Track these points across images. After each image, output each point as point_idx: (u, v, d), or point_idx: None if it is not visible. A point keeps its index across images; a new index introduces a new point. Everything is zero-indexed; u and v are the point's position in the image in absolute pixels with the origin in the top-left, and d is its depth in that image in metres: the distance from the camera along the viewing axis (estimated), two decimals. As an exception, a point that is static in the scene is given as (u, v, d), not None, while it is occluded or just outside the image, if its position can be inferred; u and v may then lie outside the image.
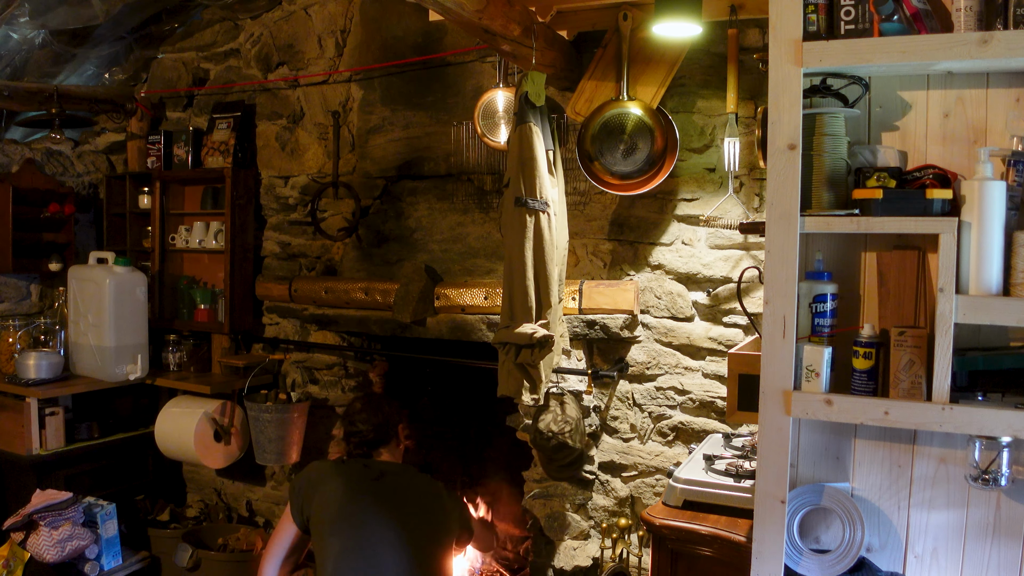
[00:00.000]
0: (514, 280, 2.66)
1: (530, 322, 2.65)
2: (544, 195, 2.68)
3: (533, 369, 2.66)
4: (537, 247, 2.67)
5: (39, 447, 3.69)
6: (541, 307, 2.68)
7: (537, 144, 2.66)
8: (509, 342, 2.65)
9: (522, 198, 2.65)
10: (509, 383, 2.68)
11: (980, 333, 1.88)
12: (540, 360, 2.66)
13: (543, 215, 2.68)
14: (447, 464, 4.04)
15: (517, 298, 2.66)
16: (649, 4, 2.76)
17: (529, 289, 2.65)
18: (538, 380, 2.67)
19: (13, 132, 4.29)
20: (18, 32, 3.58)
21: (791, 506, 1.94)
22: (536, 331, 2.62)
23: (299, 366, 3.88)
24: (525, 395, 2.67)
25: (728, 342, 2.98)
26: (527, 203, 2.64)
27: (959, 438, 1.88)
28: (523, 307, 2.65)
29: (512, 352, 2.66)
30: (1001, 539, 1.88)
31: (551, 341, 2.67)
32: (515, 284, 2.66)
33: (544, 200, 2.68)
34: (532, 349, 2.63)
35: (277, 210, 3.97)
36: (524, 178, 2.65)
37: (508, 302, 2.69)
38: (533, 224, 2.66)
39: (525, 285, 2.64)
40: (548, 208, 2.70)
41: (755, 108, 2.85)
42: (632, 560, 3.10)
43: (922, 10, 1.81)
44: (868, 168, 1.90)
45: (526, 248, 2.65)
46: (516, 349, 2.65)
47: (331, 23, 3.74)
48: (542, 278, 2.67)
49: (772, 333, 1.87)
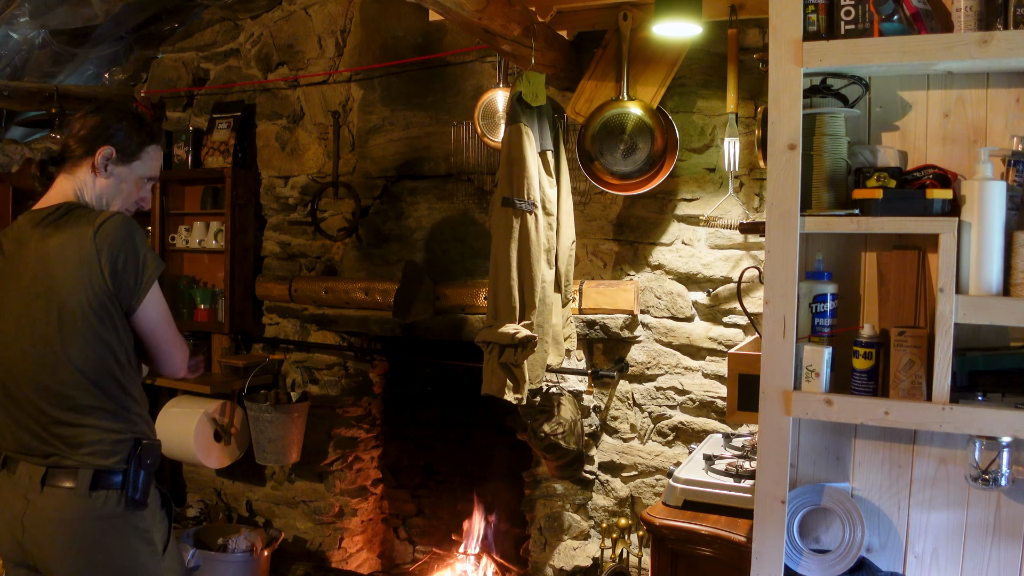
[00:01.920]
0: (499, 280, 2.66)
1: (513, 322, 2.64)
2: (532, 196, 2.67)
3: (517, 368, 2.65)
4: (523, 248, 2.66)
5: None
6: (525, 307, 2.68)
7: (527, 144, 2.66)
8: (492, 341, 2.65)
9: (509, 198, 2.64)
10: (492, 382, 2.68)
11: (980, 333, 1.88)
12: (524, 360, 2.65)
13: (530, 216, 2.67)
14: (447, 464, 4.05)
15: (501, 298, 2.66)
16: (649, 4, 2.76)
17: (513, 289, 2.65)
18: (521, 380, 2.66)
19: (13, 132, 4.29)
20: (18, 32, 3.58)
21: (791, 506, 1.94)
22: (519, 331, 2.62)
23: (299, 366, 3.88)
24: (508, 394, 2.66)
25: (728, 342, 2.99)
26: (514, 203, 2.64)
27: (959, 438, 1.88)
28: (507, 307, 2.65)
29: (496, 351, 2.66)
30: (1001, 539, 1.88)
31: (534, 342, 2.66)
32: (499, 284, 2.66)
33: (532, 201, 2.67)
34: (515, 349, 2.63)
35: (277, 210, 3.97)
36: (512, 178, 2.65)
37: (492, 301, 2.70)
38: (519, 224, 2.65)
39: (509, 285, 2.64)
40: (536, 209, 2.69)
41: (755, 108, 2.85)
42: (632, 560, 3.10)
43: (922, 10, 1.81)
44: (868, 168, 1.90)
45: (511, 248, 2.64)
46: (500, 348, 2.65)
47: (331, 23, 3.74)
48: (527, 279, 2.67)
49: (772, 333, 1.87)
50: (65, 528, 1.89)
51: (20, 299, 1.94)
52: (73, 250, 1.90)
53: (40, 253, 1.93)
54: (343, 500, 3.87)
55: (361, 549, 3.98)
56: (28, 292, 1.93)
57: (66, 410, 1.91)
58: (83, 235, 1.90)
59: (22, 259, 1.95)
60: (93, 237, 1.89)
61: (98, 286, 1.88)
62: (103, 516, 1.91)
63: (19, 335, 1.94)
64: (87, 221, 1.93)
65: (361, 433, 3.86)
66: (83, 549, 1.90)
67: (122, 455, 1.94)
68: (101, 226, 1.90)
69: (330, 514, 3.85)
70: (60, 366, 1.90)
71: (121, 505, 1.93)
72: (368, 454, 3.94)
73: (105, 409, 1.94)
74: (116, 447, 1.93)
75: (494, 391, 2.68)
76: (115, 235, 1.90)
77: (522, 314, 2.68)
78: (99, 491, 1.90)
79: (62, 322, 1.90)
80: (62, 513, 1.89)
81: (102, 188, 2.04)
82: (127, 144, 2.05)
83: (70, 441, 1.91)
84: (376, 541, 4.08)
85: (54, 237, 1.93)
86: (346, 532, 3.88)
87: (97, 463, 1.91)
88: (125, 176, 2.06)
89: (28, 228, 1.98)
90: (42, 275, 1.92)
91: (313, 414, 3.76)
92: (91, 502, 1.90)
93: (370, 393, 3.90)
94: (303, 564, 3.81)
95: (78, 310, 1.89)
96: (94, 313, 1.89)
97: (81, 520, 1.89)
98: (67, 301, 1.89)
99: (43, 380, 1.91)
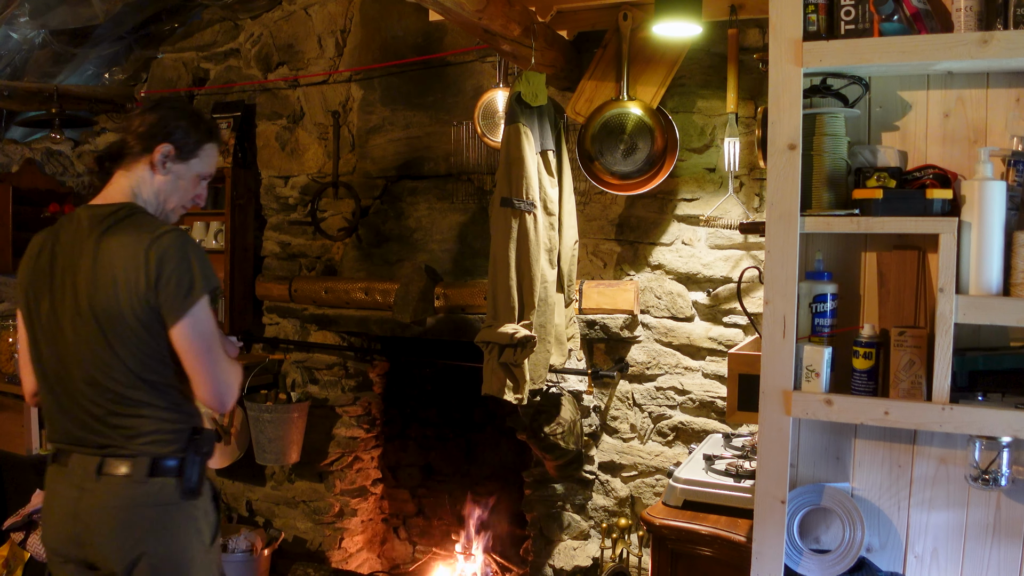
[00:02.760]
0: (498, 280, 2.66)
1: (512, 322, 2.64)
2: (531, 195, 2.67)
3: (517, 368, 2.65)
4: (522, 248, 2.66)
5: (39, 447, 3.69)
6: (524, 307, 2.67)
7: (525, 144, 2.65)
8: (491, 341, 2.65)
9: (508, 198, 2.64)
10: (492, 382, 2.67)
11: (980, 333, 1.88)
12: (523, 360, 2.65)
13: (529, 216, 2.67)
14: (448, 464, 4.05)
15: (500, 298, 2.65)
16: (649, 4, 2.76)
17: (512, 289, 2.64)
18: (521, 380, 2.66)
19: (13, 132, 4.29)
20: (18, 32, 3.58)
21: (791, 506, 1.94)
22: (517, 331, 2.62)
23: (299, 366, 3.88)
24: (508, 394, 2.66)
25: (728, 342, 2.98)
26: (512, 203, 2.64)
27: (959, 438, 1.88)
28: (506, 307, 2.64)
29: (495, 351, 2.66)
30: (1001, 539, 1.88)
31: (533, 341, 2.66)
32: (499, 284, 2.66)
33: (531, 201, 2.66)
34: (515, 349, 2.63)
35: (277, 210, 3.97)
36: (510, 178, 2.65)
37: (492, 301, 2.69)
38: (518, 224, 2.65)
39: (508, 285, 2.64)
40: (535, 209, 2.69)
41: (755, 108, 2.85)
42: (632, 560, 3.10)
43: (922, 10, 1.81)
44: (868, 168, 1.90)
45: (510, 248, 2.64)
46: (499, 348, 2.65)
47: (331, 23, 3.74)
48: (526, 279, 2.66)
49: (772, 333, 1.87)
50: (121, 514, 1.88)
51: (75, 296, 1.93)
52: (126, 256, 1.89)
53: (97, 253, 1.92)
54: (343, 500, 3.87)
55: (361, 549, 3.98)
56: (82, 290, 1.92)
57: (121, 404, 1.91)
58: (139, 243, 1.89)
59: (80, 255, 1.94)
60: (147, 247, 1.88)
61: (143, 296, 1.88)
62: (159, 503, 1.91)
63: (74, 332, 1.93)
64: (147, 230, 1.92)
65: (361, 433, 3.86)
66: (138, 536, 1.89)
67: (179, 444, 1.94)
68: (158, 238, 1.90)
69: (330, 514, 3.85)
70: (114, 365, 1.90)
71: (177, 493, 1.93)
72: (368, 454, 3.94)
73: (159, 405, 1.94)
74: (173, 436, 1.94)
75: (494, 391, 2.68)
76: (168, 249, 1.89)
77: (521, 314, 2.68)
78: (156, 478, 1.91)
79: (113, 326, 1.89)
80: (118, 500, 1.89)
81: (159, 185, 2.04)
82: (186, 142, 2.05)
83: (126, 433, 1.91)
84: (376, 541, 4.08)
85: (112, 239, 1.92)
86: (346, 532, 3.88)
87: (154, 451, 1.91)
88: (183, 174, 2.06)
89: (86, 223, 1.97)
90: (96, 276, 1.91)
91: (313, 414, 3.76)
92: (148, 488, 1.90)
93: (370, 393, 3.90)
94: (303, 564, 3.81)
95: (126, 317, 1.88)
96: (140, 321, 1.89)
97: (137, 507, 1.89)
98: (116, 306, 1.88)
99: (97, 378, 1.91)
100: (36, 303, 1.98)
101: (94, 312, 1.90)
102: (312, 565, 3.81)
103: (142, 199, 2.02)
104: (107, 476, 1.90)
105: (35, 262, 2.01)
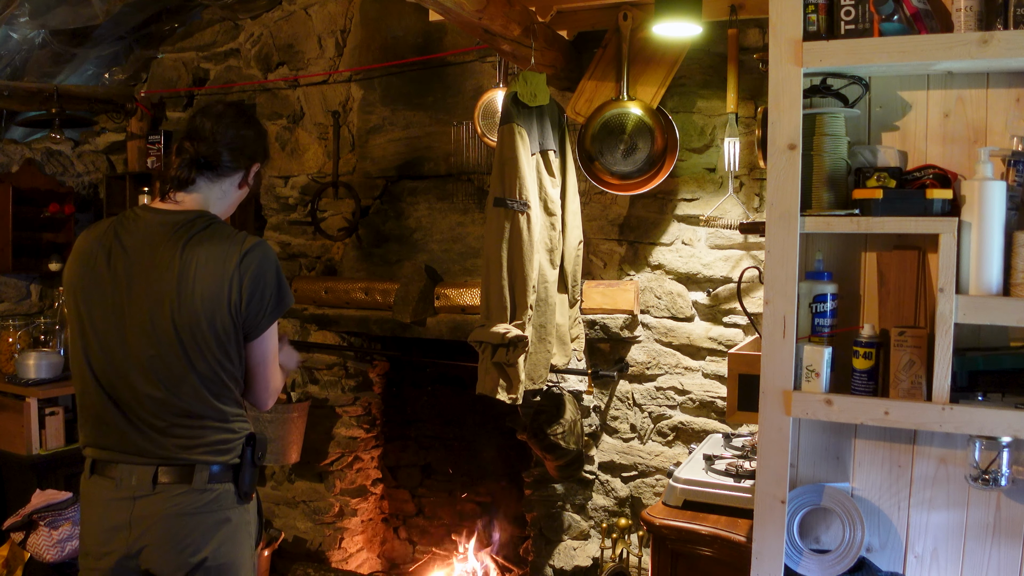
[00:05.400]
0: (490, 279, 2.66)
1: (504, 322, 2.64)
2: (524, 196, 2.66)
3: (510, 368, 2.65)
4: (514, 248, 2.66)
5: (39, 447, 3.69)
6: (516, 307, 2.67)
7: (519, 145, 2.65)
8: (483, 340, 2.65)
9: (501, 198, 2.64)
10: (486, 381, 2.67)
11: (980, 333, 1.88)
12: (516, 359, 2.65)
13: (522, 216, 2.66)
14: (448, 464, 4.04)
15: (492, 297, 2.65)
16: (649, 4, 2.77)
17: (504, 289, 2.64)
18: (515, 379, 2.65)
19: (13, 132, 4.29)
20: (18, 32, 3.58)
21: (791, 506, 1.94)
22: (509, 331, 2.61)
23: (299, 366, 3.88)
24: (501, 394, 2.66)
25: (728, 342, 2.99)
26: (506, 203, 2.63)
27: (959, 438, 1.88)
28: (498, 306, 2.64)
29: (488, 351, 2.66)
30: (1001, 539, 1.88)
31: (524, 341, 2.66)
32: (491, 284, 2.65)
33: (524, 201, 2.66)
34: (507, 348, 2.62)
35: (277, 210, 3.97)
36: (503, 178, 2.64)
37: (484, 301, 2.69)
38: (511, 225, 2.64)
39: (500, 285, 2.64)
40: (528, 209, 2.68)
41: (755, 108, 2.85)
42: (632, 560, 3.10)
43: (922, 10, 1.81)
44: (868, 168, 1.90)
45: (503, 248, 2.64)
46: (492, 348, 2.65)
47: (331, 23, 3.74)
48: (518, 279, 2.66)
49: (772, 333, 1.87)
50: (181, 522, 1.88)
51: (145, 305, 1.88)
52: (216, 268, 1.87)
53: (181, 265, 1.88)
54: (343, 500, 3.87)
55: (361, 549, 3.98)
56: (157, 300, 1.88)
57: (187, 418, 1.90)
58: (229, 256, 1.88)
59: (154, 264, 1.89)
60: (239, 261, 1.88)
61: (233, 309, 1.87)
62: (217, 509, 1.92)
63: (143, 342, 1.88)
64: (235, 242, 1.91)
65: (361, 433, 3.86)
66: (199, 542, 1.90)
67: (236, 452, 1.96)
68: (249, 252, 1.90)
69: (330, 514, 3.85)
70: (185, 379, 1.88)
71: (234, 499, 1.95)
72: (368, 454, 3.94)
73: (223, 417, 1.94)
74: (230, 444, 1.95)
75: (488, 391, 2.68)
76: (261, 264, 1.90)
77: (514, 314, 2.67)
78: (215, 484, 1.92)
79: (194, 337, 1.87)
80: (178, 508, 1.89)
81: (236, 198, 2.08)
82: (264, 161, 2.12)
83: (186, 443, 1.91)
84: (376, 541, 4.08)
85: (197, 251, 1.89)
86: (346, 532, 3.88)
87: (212, 459, 1.92)
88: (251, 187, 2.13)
89: (159, 231, 1.92)
90: (178, 287, 1.87)
91: (313, 414, 3.76)
92: (207, 495, 1.91)
93: (370, 393, 3.90)
94: (303, 564, 3.81)
95: (209, 328, 1.87)
96: (220, 333, 1.88)
97: (198, 514, 1.90)
98: (201, 318, 1.86)
99: (165, 392, 1.88)
100: (88, 310, 1.93)
101: (176, 325, 1.87)
102: (312, 565, 3.81)
103: (214, 208, 2.02)
104: (164, 485, 1.89)
105: (89, 267, 1.94)
